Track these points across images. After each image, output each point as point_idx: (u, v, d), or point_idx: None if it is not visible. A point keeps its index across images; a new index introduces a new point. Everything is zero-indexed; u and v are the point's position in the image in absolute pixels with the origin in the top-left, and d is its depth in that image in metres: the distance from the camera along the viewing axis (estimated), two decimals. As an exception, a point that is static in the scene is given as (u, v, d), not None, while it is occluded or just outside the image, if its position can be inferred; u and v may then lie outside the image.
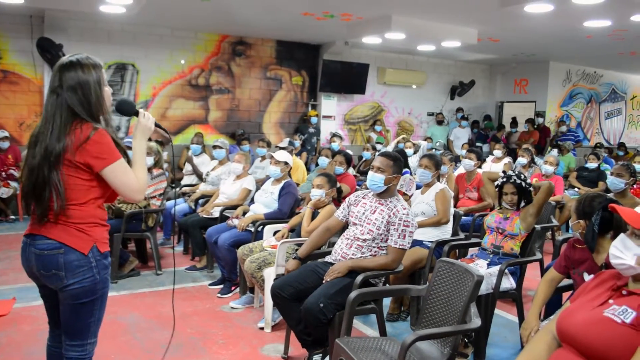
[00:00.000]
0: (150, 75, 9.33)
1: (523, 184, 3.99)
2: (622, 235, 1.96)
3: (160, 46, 9.35)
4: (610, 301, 1.93)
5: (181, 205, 6.37)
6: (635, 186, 6.28)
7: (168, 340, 3.66)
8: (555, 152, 9.89)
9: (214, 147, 6.62)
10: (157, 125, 2.53)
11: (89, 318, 2.30)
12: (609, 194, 3.90)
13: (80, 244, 2.22)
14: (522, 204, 4.02)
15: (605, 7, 6.69)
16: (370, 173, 3.59)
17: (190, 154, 7.76)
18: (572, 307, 2.04)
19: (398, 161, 3.61)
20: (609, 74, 14.19)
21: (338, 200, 4.74)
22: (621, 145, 12.97)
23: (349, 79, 10.98)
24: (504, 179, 4.06)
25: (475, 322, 2.65)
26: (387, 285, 3.90)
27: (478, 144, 12.19)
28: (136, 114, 2.45)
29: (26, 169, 2.26)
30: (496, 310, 4.08)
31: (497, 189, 4.14)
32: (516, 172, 4.10)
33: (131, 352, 3.69)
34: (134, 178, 2.27)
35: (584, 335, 1.86)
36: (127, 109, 2.51)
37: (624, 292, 1.92)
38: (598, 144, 12.78)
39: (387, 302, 4.49)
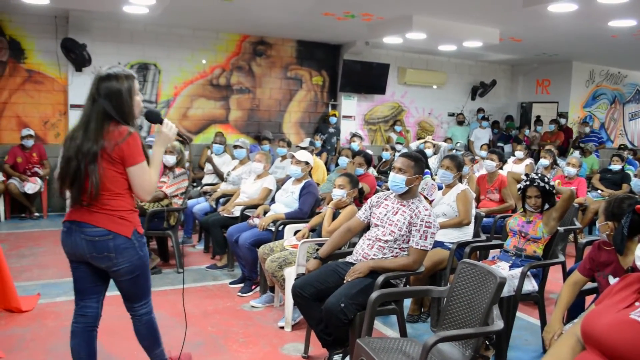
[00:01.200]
0: (172, 75, 9.41)
1: (547, 187, 3.95)
2: None
3: (182, 46, 9.43)
4: (637, 304, 1.89)
5: (202, 204, 6.42)
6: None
7: (189, 338, 3.71)
8: (577, 153, 9.76)
9: (235, 146, 6.67)
10: (178, 134, 2.91)
11: (145, 284, 2.85)
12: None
13: (125, 230, 2.66)
14: (546, 206, 3.97)
15: (630, 7, 6.58)
16: (391, 174, 3.58)
17: (210, 154, 7.81)
18: (597, 310, 2.02)
19: (419, 162, 3.60)
20: (633, 74, 13.95)
21: (360, 200, 4.73)
22: (645, 147, 12.78)
23: (369, 79, 10.96)
24: (527, 182, 4.01)
25: (498, 324, 2.63)
26: (408, 286, 3.89)
27: (500, 144, 12.09)
28: (161, 122, 2.83)
29: (63, 159, 2.63)
30: (518, 313, 4.05)
31: (519, 192, 4.09)
32: (539, 174, 4.04)
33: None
34: (149, 180, 2.68)
35: (609, 338, 1.83)
36: (154, 118, 2.88)
37: (650, 295, 1.90)
38: (622, 146, 12.59)
39: (407, 303, 4.47)
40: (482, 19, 8.11)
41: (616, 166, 8.17)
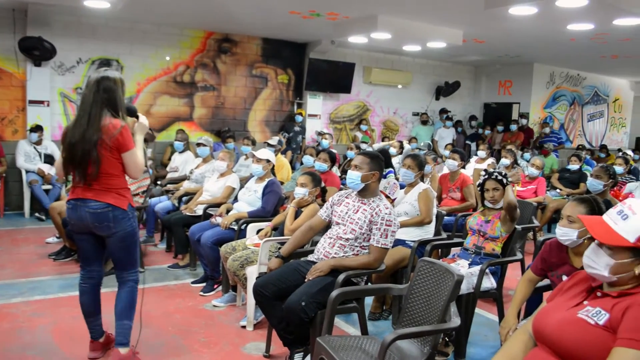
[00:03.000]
0: (135, 71, 9.25)
1: (504, 180, 4.04)
2: (593, 245, 1.96)
3: (145, 42, 9.27)
4: (585, 302, 1.94)
5: (164, 203, 6.33)
6: (615, 188, 6.35)
7: (149, 339, 3.68)
8: (527, 155, 9.95)
9: (198, 144, 6.59)
10: None
11: (134, 253, 3.40)
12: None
13: (121, 204, 3.24)
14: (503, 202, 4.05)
15: (588, 11, 6.76)
16: (349, 171, 3.61)
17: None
18: (547, 307, 2.06)
19: (376, 158, 3.61)
20: (592, 76, 14.35)
21: (323, 200, 4.74)
22: (603, 148, 13.14)
23: (335, 78, 10.98)
24: (486, 176, 4.10)
25: (455, 321, 2.67)
26: (369, 284, 3.91)
27: (467, 142, 12.33)
28: (137, 117, 3.42)
29: (67, 145, 3.15)
30: (477, 310, 4.11)
31: (479, 188, 4.17)
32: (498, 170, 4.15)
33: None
34: (139, 162, 3.26)
35: (558, 336, 1.88)
36: (132, 112, 3.41)
37: (598, 294, 1.94)
38: (580, 146, 12.92)
39: (369, 301, 4.50)
40: (446, 20, 8.21)
41: (574, 166, 8.38)
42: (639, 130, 16.71)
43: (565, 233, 2.98)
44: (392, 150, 8.52)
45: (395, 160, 8.11)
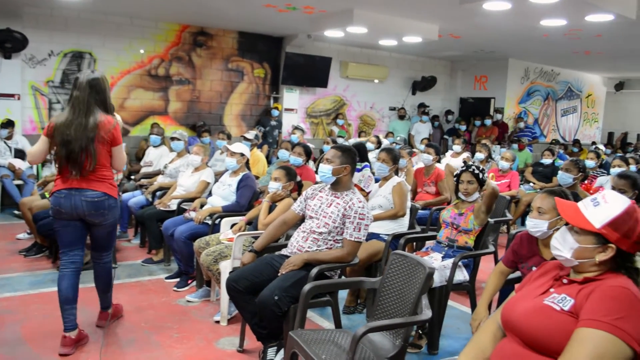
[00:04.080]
0: (108, 64, 9.11)
1: (480, 175, 4.06)
2: (563, 227, 2.01)
3: (119, 35, 9.14)
4: (551, 290, 1.97)
5: (138, 198, 6.25)
6: (585, 181, 6.46)
7: (122, 335, 3.64)
8: (503, 150, 10.07)
9: (172, 139, 6.52)
10: None
11: (114, 236, 3.83)
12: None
13: (113, 193, 3.56)
14: (476, 195, 4.07)
15: (560, 7, 6.83)
16: (320, 164, 3.61)
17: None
18: (516, 297, 2.09)
19: (348, 152, 3.61)
20: (565, 72, 14.55)
21: (300, 195, 4.73)
22: (576, 142, 13.33)
23: (312, 72, 10.95)
24: (463, 168, 4.12)
25: (426, 313, 2.69)
26: (344, 277, 3.92)
27: (445, 137, 12.41)
28: (113, 116, 3.60)
29: (60, 142, 3.35)
30: (450, 302, 4.15)
31: (455, 180, 4.19)
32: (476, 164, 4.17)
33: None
34: (124, 155, 3.62)
35: (525, 324, 1.90)
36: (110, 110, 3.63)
37: (564, 280, 1.97)
38: (554, 141, 13.10)
39: (343, 294, 4.51)
40: (421, 15, 8.24)
41: (547, 160, 8.49)
42: (611, 125, 17.00)
43: (535, 225, 3.02)
44: (370, 145, 8.53)
45: (372, 155, 8.12)
